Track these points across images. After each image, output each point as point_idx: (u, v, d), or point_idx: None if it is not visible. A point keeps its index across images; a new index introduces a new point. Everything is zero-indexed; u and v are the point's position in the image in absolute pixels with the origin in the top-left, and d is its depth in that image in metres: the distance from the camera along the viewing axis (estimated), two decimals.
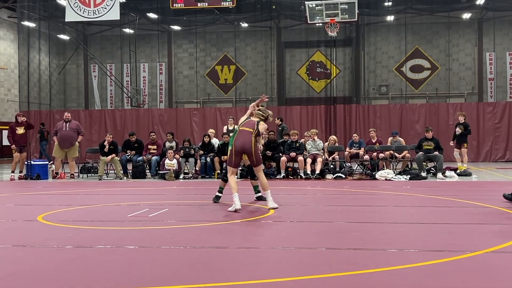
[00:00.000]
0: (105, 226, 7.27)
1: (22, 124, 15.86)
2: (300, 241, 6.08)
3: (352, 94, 28.53)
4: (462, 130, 15.85)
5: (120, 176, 15.54)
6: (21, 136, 15.72)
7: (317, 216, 8.02)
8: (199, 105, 29.09)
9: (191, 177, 15.50)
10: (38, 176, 15.46)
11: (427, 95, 28.05)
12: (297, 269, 4.79)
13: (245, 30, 29.43)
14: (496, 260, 5.05)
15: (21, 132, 15.72)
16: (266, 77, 29.44)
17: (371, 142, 16.32)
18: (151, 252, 5.57)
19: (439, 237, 6.24)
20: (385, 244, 5.80)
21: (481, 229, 6.78)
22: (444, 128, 22.03)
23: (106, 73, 29.59)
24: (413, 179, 14.06)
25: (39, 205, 9.74)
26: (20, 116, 16.13)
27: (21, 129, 15.75)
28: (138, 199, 10.33)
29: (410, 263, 4.88)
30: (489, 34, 27.38)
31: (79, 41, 29.26)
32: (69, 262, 5.18)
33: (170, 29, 29.98)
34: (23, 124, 15.87)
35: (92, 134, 24.37)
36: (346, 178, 14.69)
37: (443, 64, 28.02)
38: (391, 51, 28.67)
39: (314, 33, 28.26)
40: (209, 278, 4.50)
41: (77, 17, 21.59)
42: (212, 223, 7.36)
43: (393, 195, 10.92)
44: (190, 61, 30.00)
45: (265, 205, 8.96)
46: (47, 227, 7.18)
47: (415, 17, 27.40)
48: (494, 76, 27.58)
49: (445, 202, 9.37)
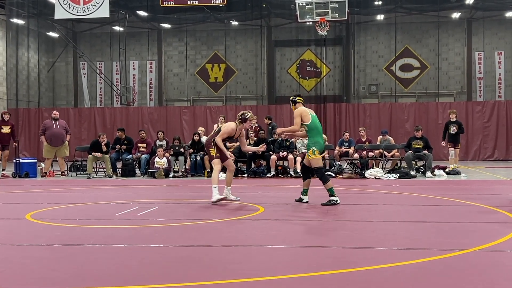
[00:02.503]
0: (94, 224, 7.24)
1: (8, 124, 15.82)
2: (289, 240, 6.08)
3: (342, 93, 28.57)
4: (457, 129, 15.86)
5: (109, 174, 15.48)
6: (5, 135, 15.66)
7: (306, 215, 8.03)
8: (189, 104, 29.02)
9: (181, 176, 15.47)
10: (26, 174, 15.37)
11: (416, 94, 28.16)
12: (286, 267, 4.79)
13: (236, 28, 29.38)
14: (483, 259, 5.08)
15: (6, 131, 15.67)
16: (257, 76, 29.42)
17: (360, 141, 16.38)
18: (139, 250, 5.56)
19: (428, 235, 6.27)
20: (374, 243, 5.81)
21: (469, 227, 6.82)
22: (434, 127, 22.13)
23: (96, 71, 29.43)
24: (402, 178, 14.12)
25: (27, 203, 9.68)
26: (6, 114, 16.06)
27: (6, 128, 15.69)
28: (128, 197, 10.30)
29: (398, 261, 4.89)
30: (478, 34, 27.52)
31: (68, 39, 29.09)
32: (57, 260, 5.16)
33: (160, 27, 29.87)
34: (9, 124, 15.84)
35: (82, 132, 24.25)
36: (336, 176, 14.72)
37: (432, 63, 28.14)
38: (381, 50, 28.74)
39: (304, 31, 28.28)
40: (197, 276, 4.49)
41: (66, 15, 21.43)
42: (201, 221, 7.35)
43: (382, 193, 10.96)
44: (180, 59, 29.91)
45: (255, 203, 8.98)
46: (36, 225, 7.14)
47: (405, 16, 27.47)
48: (483, 76, 27.72)
49: (434, 201, 9.42)
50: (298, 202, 9.06)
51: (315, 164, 8.83)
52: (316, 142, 8.88)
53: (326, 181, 8.74)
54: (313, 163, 8.85)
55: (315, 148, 8.81)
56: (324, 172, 9.00)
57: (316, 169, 8.83)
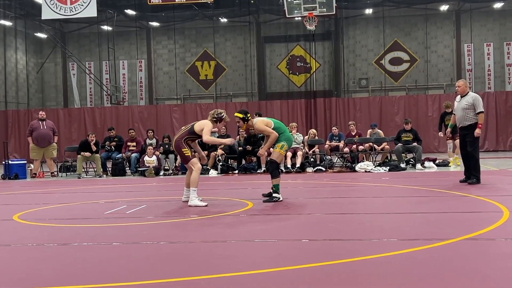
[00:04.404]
0: (82, 223, 7.20)
1: None
2: (276, 234, 6.07)
3: (332, 88, 28.60)
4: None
5: (99, 174, 15.43)
6: None
7: (295, 209, 8.03)
8: (180, 102, 28.96)
9: (171, 174, 15.44)
10: (16, 175, 15.30)
11: (406, 87, 28.21)
12: (273, 261, 4.78)
13: (224, 25, 29.32)
14: (469, 247, 5.10)
15: None
16: (247, 72, 29.39)
17: (350, 134, 16.41)
18: (127, 248, 5.54)
19: (415, 226, 6.28)
20: (361, 235, 5.82)
21: (457, 217, 6.84)
22: (424, 120, 22.20)
23: (85, 71, 29.30)
24: (392, 171, 14.15)
25: (16, 204, 9.63)
26: None
27: None
28: (117, 196, 10.26)
29: (385, 252, 4.89)
30: (466, 26, 27.58)
31: (56, 39, 28.93)
32: (44, 259, 5.13)
33: (148, 25, 29.77)
34: None
35: (72, 133, 24.16)
36: (326, 171, 14.74)
37: (422, 56, 28.20)
38: (370, 44, 28.76)
39: (293, 27, 28.27)
40: (185, 272, 4.48)
41: (53, 15, 21.29)
42: (190, 218, 7.34)
43: (372, 186, 10.98)
44: (169, 57, 29.82)
45: (245, 199, 8.98)
46: (23, 226, 7.10)
47: (393, 9, 27.51)
48: (472, 67, 27.81)
49: (423, 192, 9.44)
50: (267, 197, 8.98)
51: (275, 157, 8.87)
52: (288, 138, 9.00)
53: (276, 176, 8.79)
54: (274, 155, 8.89)
55: (285, 143, 8.89)
56: (277, 167, 9.02)
57: (273, 161, 8.87)
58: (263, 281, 4.18)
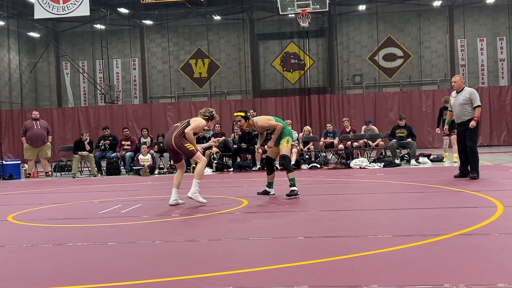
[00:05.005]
0: (77, 223, 7.19)
1: None
2: (272, 231, 6.07)
3: (327, 84, 28.61)
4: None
5: (94, 173, 15.40)
6: None
7: (290, 206, 8.03)
8: (174, 100, 28.91)
9: (166, 172, 15.43)
10: (10, 176, 15.25)
11: (400, 83, 28.25)
12: (269, 259, 4.78)
13: (218, 23, 29.27)
14: (463, 242, 5.11)
15: None
16: (241, 70, 29.36)
17: (345, 131, 16.43)
18: (121, 247, 5.52)
19: (410, 222, 6.29)
20: (356, 231, 5.83)
21: (451, 212, 6.85)
22: (418, 115, 22.26)
23: (79, 70, 29.21)
24: (387, 167, 14.19)
25: (10, 205, 9.60)
26: None
27: None
28: (112, 195, 10.24)
29: (379, 249, 4.90)
30: (459, 21, 27.63)
31: (49, 39, 28.83)
32: (38, 260, 5.11)
33: (142, 23, 29.69)
34: None
35: (66, 132, 24.12)
36: (321, 168, 14.76)
37: (415, 52, 28.24)
38: (364, 41, 28.78)
39: (287, 24, 28.26)
40: (180, 271, 4.47)
41: (46, 14, 21.21)
42: (185, 216, 7.33)
43: (367, 182, 11.00)
44: (163, 55, 29.76)
45: (240, 196, 8.98)
46: (17, 226, 7.08)
47: (386, 5, 27.54)
48: (465, 63, 27.87)
49: (418, 188, 9.46)
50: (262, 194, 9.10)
51: (285, 151, 8.95)
52: (290, 133, 9.22)
53: (291, 170, 8.91)
54: (284, 150, 8.96)
55: (289, 138, 9.09)
56: (290, 161, 9.18)
57: (284, 156, 8.94)
58: (258, 279, 4.18)
